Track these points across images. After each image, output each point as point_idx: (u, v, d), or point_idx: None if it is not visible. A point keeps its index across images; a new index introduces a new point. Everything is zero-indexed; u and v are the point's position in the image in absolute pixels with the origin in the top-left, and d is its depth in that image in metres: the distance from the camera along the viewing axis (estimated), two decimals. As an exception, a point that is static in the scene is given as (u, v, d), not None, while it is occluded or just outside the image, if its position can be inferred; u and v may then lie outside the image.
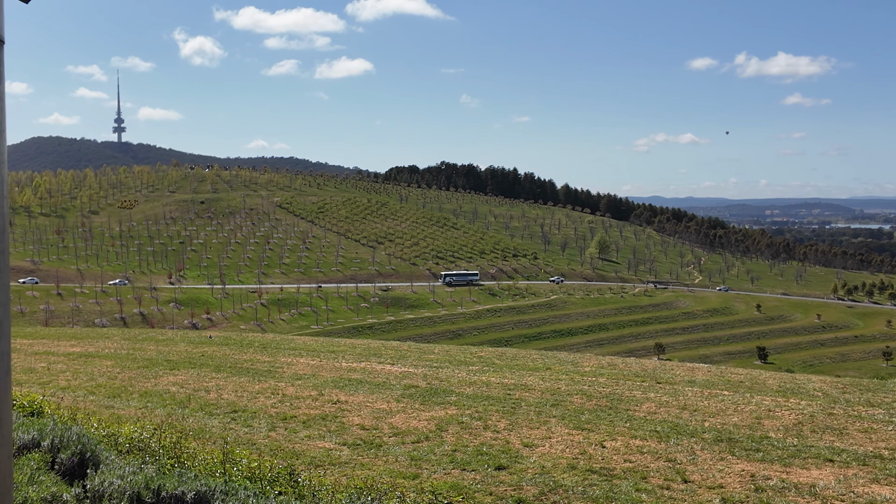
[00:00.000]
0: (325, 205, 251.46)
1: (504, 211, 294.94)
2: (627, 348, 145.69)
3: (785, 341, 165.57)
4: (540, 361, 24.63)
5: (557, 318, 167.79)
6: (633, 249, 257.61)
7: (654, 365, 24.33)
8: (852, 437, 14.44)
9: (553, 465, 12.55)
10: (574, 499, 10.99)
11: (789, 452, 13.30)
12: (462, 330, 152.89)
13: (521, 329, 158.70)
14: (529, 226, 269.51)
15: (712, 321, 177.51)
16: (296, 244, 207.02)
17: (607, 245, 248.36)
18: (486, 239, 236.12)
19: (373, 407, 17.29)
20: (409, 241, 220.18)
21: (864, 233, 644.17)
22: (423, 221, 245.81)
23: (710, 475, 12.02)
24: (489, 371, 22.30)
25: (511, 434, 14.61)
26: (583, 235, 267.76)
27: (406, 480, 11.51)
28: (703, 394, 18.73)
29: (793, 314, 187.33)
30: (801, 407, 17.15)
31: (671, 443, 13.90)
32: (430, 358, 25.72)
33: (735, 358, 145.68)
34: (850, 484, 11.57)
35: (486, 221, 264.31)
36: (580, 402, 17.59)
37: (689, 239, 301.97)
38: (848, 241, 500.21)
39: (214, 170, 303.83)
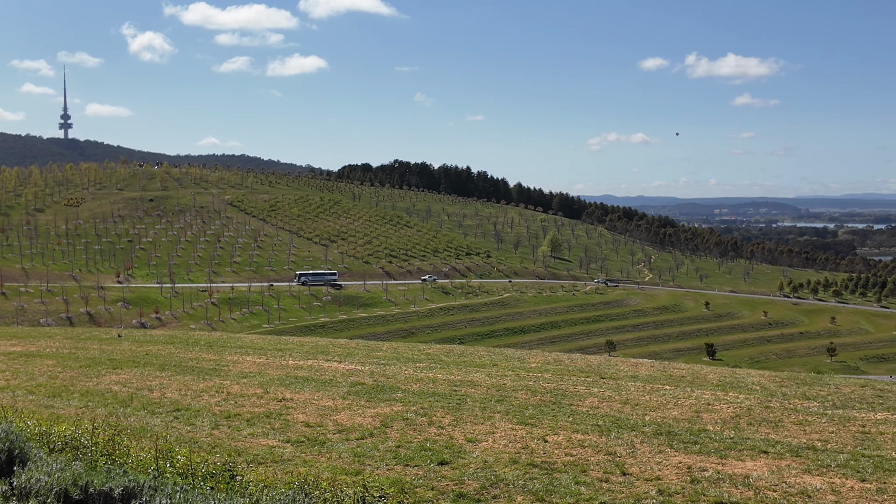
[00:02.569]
0: (277, 203, 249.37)
1: (457, 209, 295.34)
2: (579, 346, 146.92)
3: (733, 338, 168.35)
4: (487, 358, 24.79)
5: (510, 317, 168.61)
6: (585, 248, 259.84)
7: (598, 361, 24.64)
8: (787, 430, 14.80)
9: (495, 459, 12.67)
10: (514, 492, 11.11)
11: (726, 445, 13.59)
12: (415, 328, 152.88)
13: (473, 327, 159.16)
14: (482, 224, 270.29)
15: (662, 318, 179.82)
16: (247, 242, 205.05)
17: (559, 243, 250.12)
18: (440, 237, 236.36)
19: (318, 404, 17.27)
20: (363, 239, 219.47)
21: (809, 231, 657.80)
22: (376, 220, 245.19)
23: (649, 468, 12.24)
24: (436, 368, 22.39)
25: (455, 430, 14.71)
26: (535, 234, 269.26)
27: (348, 476, 11.53)
28: (645, 388, 19.03)
29: (740, 311, 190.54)
30: (740, 400, 17.52)
31: (612, 436, 14.12)
32: (377, 355, 25.74)
33: (684, 354, 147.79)
34: (783, 475, 11.86)
35: (440, 220, 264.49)
36: (525, 398, 17.76)
37: (639, 237, 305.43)
38: (794, 240, 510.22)
39: (164, 167, 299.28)
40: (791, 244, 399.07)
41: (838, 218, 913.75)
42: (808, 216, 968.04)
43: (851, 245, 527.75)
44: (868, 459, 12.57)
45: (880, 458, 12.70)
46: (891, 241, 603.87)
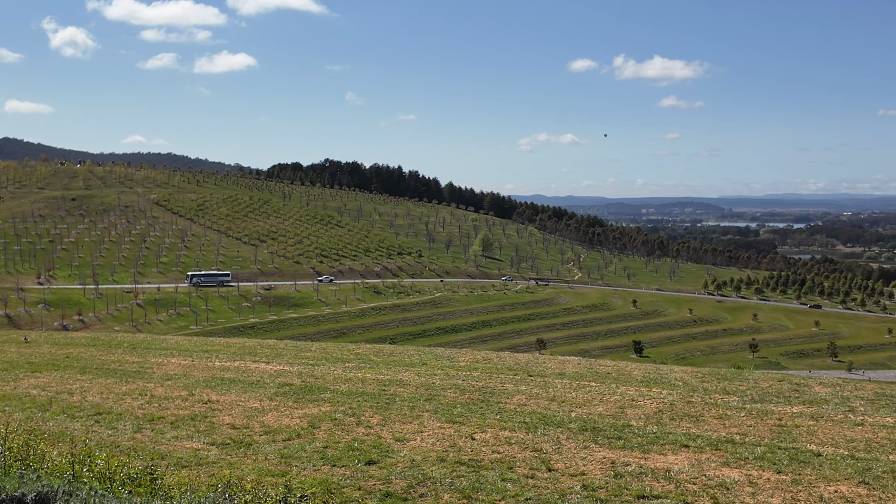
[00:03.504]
0: (205, 202, 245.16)
1: (389, 209, 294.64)
2: (510, 344, 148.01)
3: (659, 335, 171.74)
4: (416, 357, 24.80)
5: (442, 316, 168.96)
6: (516, 247, 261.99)
7: (527, 359, 24.86)
8: (707, 424, 15.16)
9: (423, 458, 12.70)
10: (441, 490, 11.15)
11: (649, 439, 13.85)
12: (346, 328, 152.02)
13: (405, 327, 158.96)
14: (414, 224, 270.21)
15: (591, 317, 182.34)
16: (174, 242, 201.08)
17: (491, 243, 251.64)
18: (371, 237, 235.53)
19: (245, 406, 17.06)
20: (293, 239, 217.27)
21: (732, 230, 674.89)
22: (306, 219, 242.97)
23: (574, 463, 12.41)
24: (365, 368, 22.32)
25: (384, 429, 14.69)
26: (467, 233, 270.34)
27: (274, 478, 11.43)
28: (572, 385, 19.27)
29: (667, 309, 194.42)
30: (663, 396, 17.88)
31: (538, 433, 14.27)
32: (306, 356, 25.53)
33: (613, 352, 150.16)
34: (703, 468, 12.16)
35: (371, 219, 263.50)
36: (453, 396, 17.83)
37: (569, 237, 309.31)
38: (718, 239, 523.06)
39: (87, 166, 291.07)
40: (715, 243, 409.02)
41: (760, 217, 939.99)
42: (732, 216, 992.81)
43: (772, 244, 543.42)
44: (784, 452, 12.96)
45: (796, 450, 13.10)
46: (809, 240, 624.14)
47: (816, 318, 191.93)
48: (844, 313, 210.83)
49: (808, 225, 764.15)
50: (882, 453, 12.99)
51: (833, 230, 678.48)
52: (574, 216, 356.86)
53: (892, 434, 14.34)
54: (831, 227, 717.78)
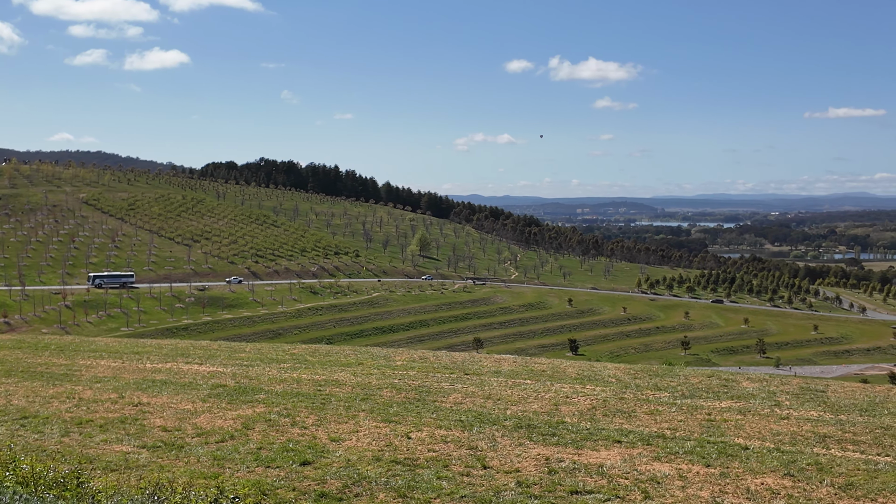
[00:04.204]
0: (136, 202, 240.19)
1: (326, 208, 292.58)
2: (447, 343, 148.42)
3: (594, 333, 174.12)
4: (353, 357, 24.70)
5: (379, 316, 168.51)
6: (453, 247, 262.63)
7: (463, 357, 24.95)
8: (639, 420, 15.43)
9: (359, 457, 12.66)
10: (377, 490, 11.14)
11: (582, 436, 14.04)
12: (283, 329, 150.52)
13: (342, 327, 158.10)
14: (351, 223, 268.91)
15: (528, 315, 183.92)
16: (104, 242, 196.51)
17: (428, 242, 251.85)
18: (308, 237, 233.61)
19: (177, 408, 16.77)
20: (227, 239, 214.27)
21: (665, 230, 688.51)
22: (241, 219, 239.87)
23: (509, 460, 12.51)
24: (301, 368, 22.14)
25: (319, 429, 14.60)
26: (404, 233, 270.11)
27: (206, 480, 11.26)
28: (507, 383, 19.42)
29: (601, 307, 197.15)
30: (596, 393, 18.13)
31: (474, 431, 14.34)
32: (240, 356, 25.20)
33: (549, 350, 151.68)
34: (635, 463, 12.37)
35: (308, 219, 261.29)
36: (390, 396, 17.81)
37: (506, 236, 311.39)
38: (651, 238, 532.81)
39: (12, 164, 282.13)
40: (648, 242, 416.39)
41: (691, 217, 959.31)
42: (664, 215, 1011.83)
43: (703, 243, 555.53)
44: (713, 446, 13.26)
45: (724, 444, 13.42)
46: (739, 240, 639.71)
47: (745, 316, 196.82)
48: (772, 311, 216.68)
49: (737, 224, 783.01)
50: (806, 446, 13.38)
51: (761, 230, 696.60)
52: (511, 216, 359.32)
53: (816, 427, 14.79)
54: (760, 226, 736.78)
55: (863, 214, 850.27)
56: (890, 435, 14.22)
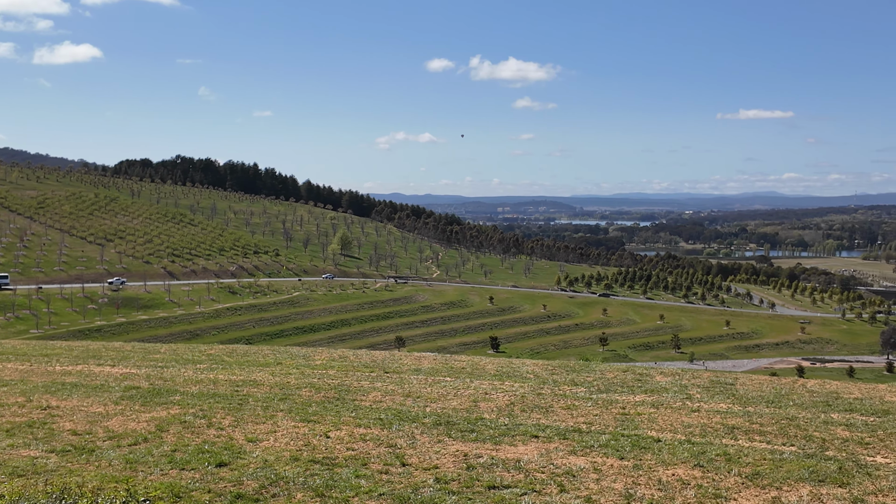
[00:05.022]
0: (46, 199, 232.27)
1: (245, 207, 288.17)
2: (369, 342, 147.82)
3: (515, 331, 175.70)
4: (271, 357, 24.45)
5: (300, 315, 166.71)
6: (375, 245, 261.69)
7: (383, 356, 24.94)
8: (556, 414, 15.68)
9: (276, 458, 12.54)
10: (295, 490, 11.05)
11: (500, 431, 14.19)
12: (200, 330, 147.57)
13: (262, 327, 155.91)
14: (271, 222, 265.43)
15: (449, 314, 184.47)
16: (12, 242, 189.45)
17: (349, 241, 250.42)
18: (226, 235, 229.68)
19: (88, 411, 16.31)
20: (142, 238, 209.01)
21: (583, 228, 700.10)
22: (157, 217, 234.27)
23: (427, 457, 12.56)
24: (218, 368, 21.79)
25: (236, 430, 14.40)
26: (325, 232, 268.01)
27: (117, 483, 10.98)
28: (427, 381, 19.49)
29: (522, 305, 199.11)
30: (515, 389, 18.35)
31: (393, 429, 14.36)
32: (155, 358, 24.67)
33: (470, 348, 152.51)
34: (551, 457, 12.57)
35: (226, 218, 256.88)
36: (309, 395, 17.68)
37: (427, 235, 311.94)
38: (570, 237, 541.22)
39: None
40: (567, 241, 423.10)
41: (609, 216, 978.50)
42: (583, 214, 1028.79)
43: (620, 241, 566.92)
44: (627, 439, 13.57)
45: (637, 437, 13.74)
46: (655, 238, 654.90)
47: (661, 312, 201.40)
48: (687, 307, 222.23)
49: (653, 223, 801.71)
50: (716, 437, 13.81)
51: (676, 228, 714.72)
52: (432, 214, 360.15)
53: (725, 419, 15.26)
54: (674, 225, 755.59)
55: (772, 213, 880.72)
56: (795, 426, 14.77)
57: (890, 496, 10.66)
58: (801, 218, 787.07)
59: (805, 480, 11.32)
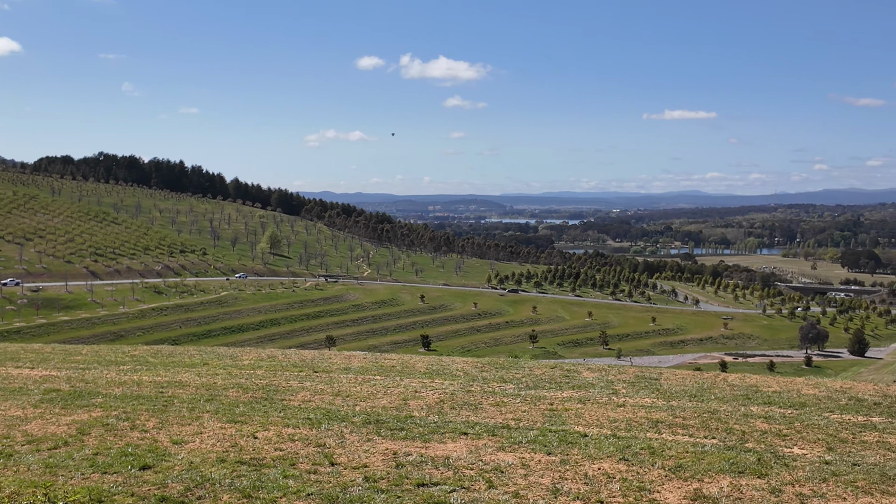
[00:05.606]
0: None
1: (170, 205, 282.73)
2: (299, 342, 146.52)
3: (446, 329, 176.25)
4: (197, 357, 24.05)
5: (228, 315, 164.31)
6: (305, 244, 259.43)
7: (312, 355, 24.77)
8: (486, 411, 15.79)
9: (202, 459, 12.34)
10: (221, 491, 10.89)
11: (430, 429, 14.23)
12: (125, 331, 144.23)
13: (189, 327, 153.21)
14: (198, 221, 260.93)
15: (381, 312, 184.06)
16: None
17: (279, 240, 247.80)
18: (151, 234, 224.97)
19: (5, 415, 15.80)
20: (64, 237, 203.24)
21: (514, 227, 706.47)
22: (79, 216, 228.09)
23: (357, 456, 12.52)
24: (142, 370, 21.35)
25: (160, 432, 14.13)
26: (254, 230, 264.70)
27: (36, 489, 10.68)
28: (357, 380, 19.43)
29: (453, 303, 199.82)
30: (444, 386, 18.42)
31: (322, 429, 14.27)
32: (76, 359, 24.02)
33: (401, 346, 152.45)
34: (480, 454, 12.65)
35: (151, 216, 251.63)
36: (236, 396, 17.46)
37: (358, 233, 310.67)
38: (500, 235, 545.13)
39: None
40: (498, 239, 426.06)
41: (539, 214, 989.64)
42: (513, 213, 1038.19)
43: (550, 239, 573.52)
44: (554, 434, 13.75)
45: (565, 432, 13.94)
46: (583, 236, 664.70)
47: (589, 310, 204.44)
48: (614, 304, 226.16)
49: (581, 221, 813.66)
50: (640, 431, 14.09)
51: (604, 226, 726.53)
52: (363, 213, 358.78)
53: (650, 413, 15.59)
54: (602, 223, 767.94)
55: (696, 212, 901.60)
56: (716, 419, 15.17)
57: (806, 486, 11.03)
58: (723, 216, 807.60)
59: (725, 472, 11.63)
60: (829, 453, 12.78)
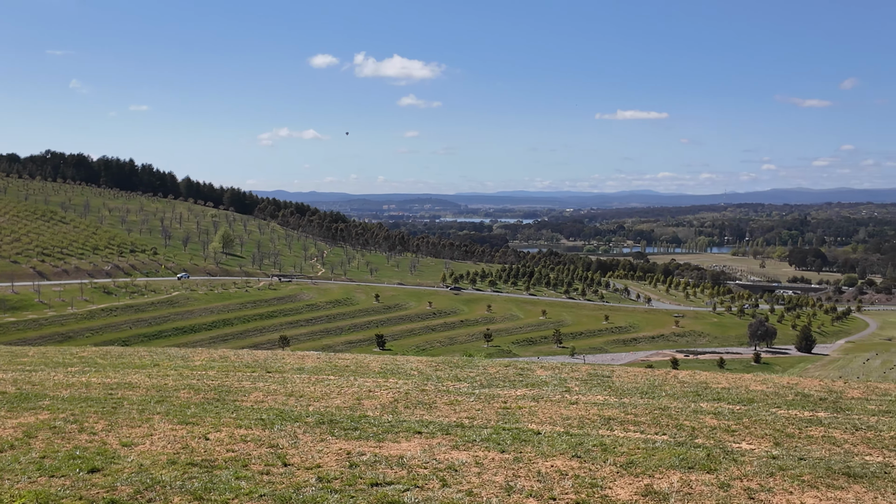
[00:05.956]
0: None
1: (120, 204, 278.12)
2: (252, 342, 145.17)
3: (401, 328, 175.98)
4: (148, 358, 23.72)
5: (180, 315, 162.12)
6: (258, 243, 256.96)
7: (265, 355, 24.60)
8: (440, 410, 15.82)
9: (153, 462, 12.19)
10: (172, 494, 10.77)
11: (384, 428, 14.22)
12: (73, 332, 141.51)
13: (140, 328, 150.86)
14: (149, 220, 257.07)
15: (335, 312, 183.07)
16: None
17: (231, 239, 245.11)
18: (100, 234, 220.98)
19: (-52, 419, 15.43)
20: (9, 236, 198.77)
21: (468, 226, 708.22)
22: (25, 215, 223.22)
23: (310, 456, 12.46)
24: (91, 371, 20.99)
25: (110, 435, 13.92)
26: (206, 230, 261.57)
27: (-20, 495, 10.47)
28: (310, 380, 19.33)
29: (407, 302, 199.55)
30: (399, 385, 18.42)
31: (275, 429, 14.18)
32: (22, 361, 23.55)
33: (356, 346, 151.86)
34: (434, 452, 12.68)
35: (100, 215, 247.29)
36: (187, 397, 17.26)
37: (312, 233, 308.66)
38: (455, 234, 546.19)
39: None
40: (452, 238, 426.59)
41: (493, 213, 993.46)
42: (468, 212, 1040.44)
43: (504, 238, 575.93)
44: (508, 432, 13.83)
45: (518, 430, 14.02)
46: (537, 235, 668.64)
47: (543, 308, 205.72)
48: (568, 302, 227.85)
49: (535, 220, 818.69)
50: (593, 428, 14.24)
51: (557, 225, 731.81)
52: (317, 212, 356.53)
53: (602, 410, 15.76)
54: (556, 222, 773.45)
55: (648, 211, 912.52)
56: (667, 415, 15.39)
57: (754, 481, 11.25)
58: (675, 216, 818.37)
59: (676, 468, 11.81)
60: (777, 448, 13.04)
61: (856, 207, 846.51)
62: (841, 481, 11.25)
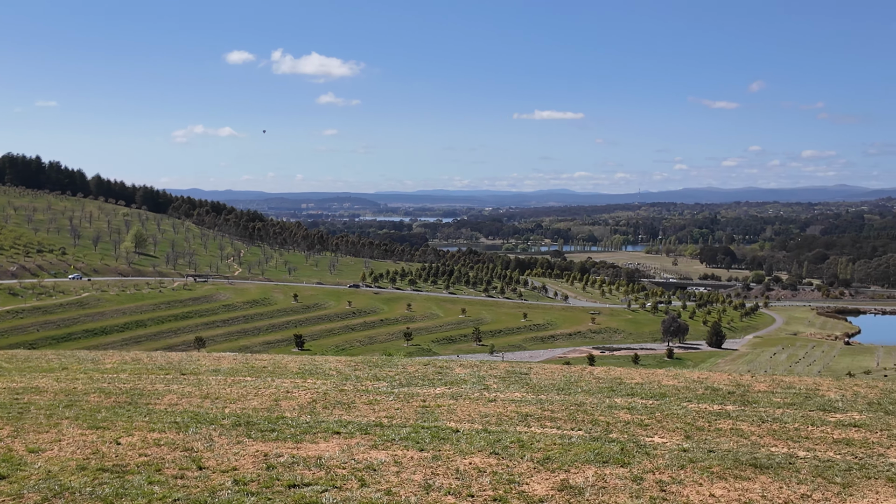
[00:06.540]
0: None
1: (27, 203, 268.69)
2: (167, 344, 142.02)
3: (320, 328, 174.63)
4: (56, 362, 22.99)
5: (90, 317, 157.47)
6: (172, 243, 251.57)
7: (179, 357, 24.12)
8: (359, 410, 15.77)
9: (61, 468, 11.84)
10: (81, 500, 10.49)
11: (302, 429, 14.10)
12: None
13: (47, 331, 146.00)
14: (57, 219, 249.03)
15: (252, 312, 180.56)
16: None
17: (144, 239, 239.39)
18: (5, 233, 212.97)
19: None
20: None
21: (388, 225, 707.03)
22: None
23: (226, 459, 12.27)
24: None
25: (15, 441, 13.46)
26: (117, 229, 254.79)
27: None
28: (226, 381, 19.04)
29: (327, 302, 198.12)
30: (317, 386, 18.29)
31: (190, 432, 13.92)
32: (-81, 367, 22.53)
33: (274, 346, 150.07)
34: (353, 452, 12.64)
35: (5, 214, 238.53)
36: (97, 401, 16.80)
37: (228, 232, 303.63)
38: (375, 233, 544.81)
39: None
40: (372, 237, 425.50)
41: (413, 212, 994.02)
42: (387, 211, 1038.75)
43: (424, 237, 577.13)
44: (427, 431, 13.87)
45: (437, 428, 14.08)
46: (457, 234, 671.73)
47: (463, 307, 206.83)
48: (487, 301, 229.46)
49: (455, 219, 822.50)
50: (511, 425, 14.40)
51: (477, 224, 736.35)
52: (234, 211, 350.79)
53: (520, 407, 15.95)
54: (475, 221, 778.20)
55: (565, 210, 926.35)
56: (582, 411, 15.67)
57: (666, 473, 11.55)
58: (591, 214, 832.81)
59: (591, 462, 12.04)
60: (687, 441, 13.42)
61: (763, 206, 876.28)
62: (748, 472, 11.64)
